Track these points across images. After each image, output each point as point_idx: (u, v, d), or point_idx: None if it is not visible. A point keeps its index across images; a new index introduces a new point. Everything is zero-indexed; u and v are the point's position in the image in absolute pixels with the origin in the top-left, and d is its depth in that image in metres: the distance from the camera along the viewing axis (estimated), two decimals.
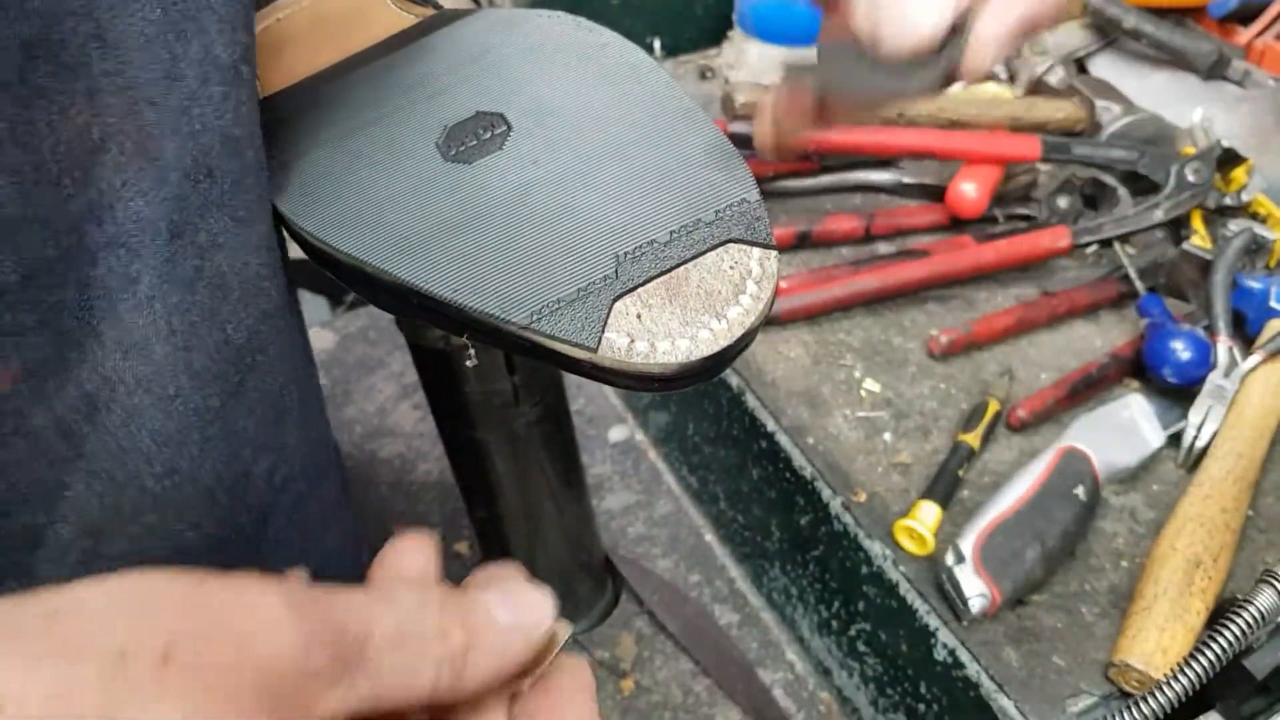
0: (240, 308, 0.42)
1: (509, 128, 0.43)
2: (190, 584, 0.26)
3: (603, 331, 0.37)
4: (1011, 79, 1.25)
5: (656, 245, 0.38)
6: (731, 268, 0.37)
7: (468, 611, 0.30)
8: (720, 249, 0.38)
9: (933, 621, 0.79)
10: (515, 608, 0.31)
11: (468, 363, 0.70)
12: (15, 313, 0.34)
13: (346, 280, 0.43)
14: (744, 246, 0.38)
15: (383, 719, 0.29)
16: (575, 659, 0.33)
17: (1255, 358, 0.91)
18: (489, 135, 0.43)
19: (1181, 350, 0.92)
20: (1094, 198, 1.11)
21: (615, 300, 0.37)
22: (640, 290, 0.37)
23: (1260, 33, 1.21)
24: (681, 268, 0.37)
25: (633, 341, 0.36)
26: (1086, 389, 0.94)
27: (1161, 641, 0.72)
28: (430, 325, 0.45)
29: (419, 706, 0.29)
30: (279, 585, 0.27)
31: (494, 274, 0.38)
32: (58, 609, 0.24)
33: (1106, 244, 1.07)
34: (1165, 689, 0.68)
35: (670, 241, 0.38)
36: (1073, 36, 1.26)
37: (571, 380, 1.02)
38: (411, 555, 0.33)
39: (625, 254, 0.38)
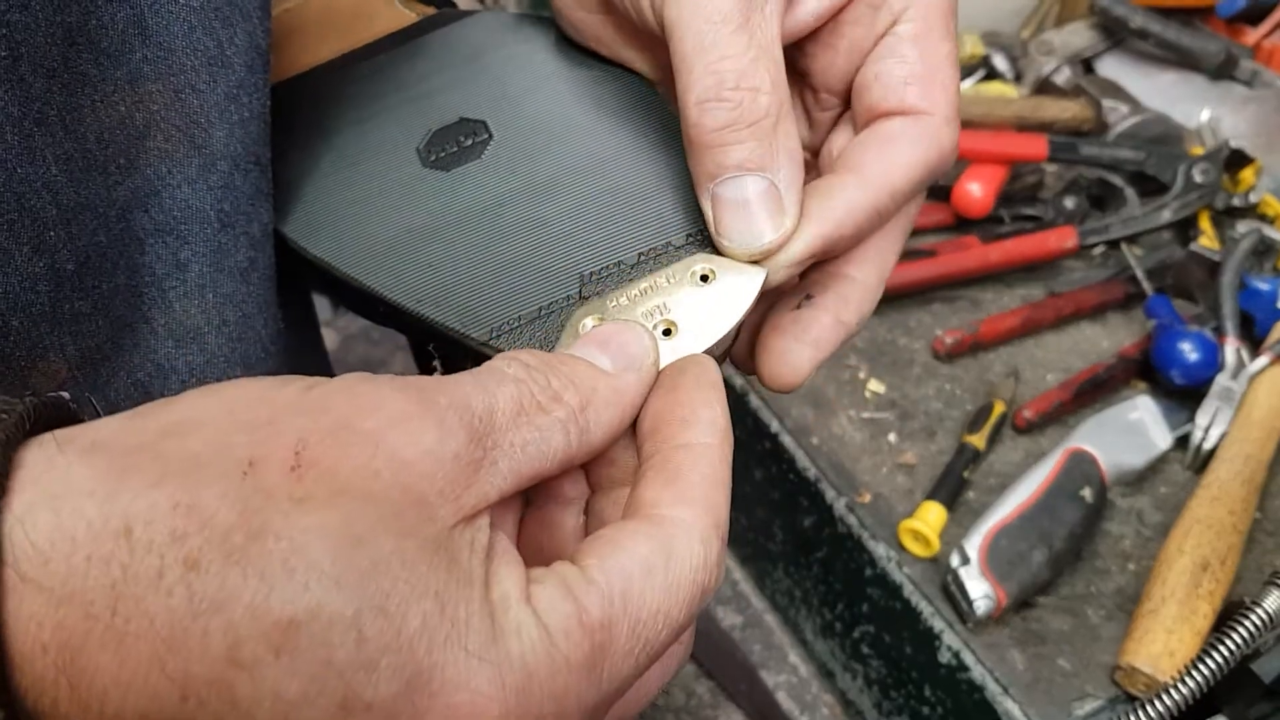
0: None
1: (490, 136, 0.42)
2: (301, 388, 0.25)
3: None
4: (1018, 78, 1.25)
5: (623, 267, 0.38)
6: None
7: (572, 370, 0.29)
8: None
9: (938, 624, 0.79)
10: (617, 349, 0.31)
11: (435, 372, 0.70)
12: (73, 300, 0.34)
13: (318, 281, 0.43)
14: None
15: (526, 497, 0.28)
16: (699, 356, 0.33)
17: (1263, 359, 0.90)
18: (470, 143, 0.42)
19: (1189, 351, 0.91)
20: (1101, 198, 1.11)
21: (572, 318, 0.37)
22: (600, 300, 0.37)
23: (1269, 33, 1.20)
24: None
25: None
26: (1093, 390, 0.93)
27: (1169, 644, 0.71)
28: (398, 331, 0.45)
29: (559, 470, 0.28)
30: (389, 380, 0.26)
31: (458, 287, 0.38)
32: (176, 422, 0.23)
33: (1114, 245, 1.07)
34: (1172, 692, 0.67)
35: (638, 264, 0.38)
36: (1080, 36, 1.26)
37: None
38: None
39: (590, 274, 0.37)
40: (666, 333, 0.34)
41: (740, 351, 0.40)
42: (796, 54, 0.38)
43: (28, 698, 0.21)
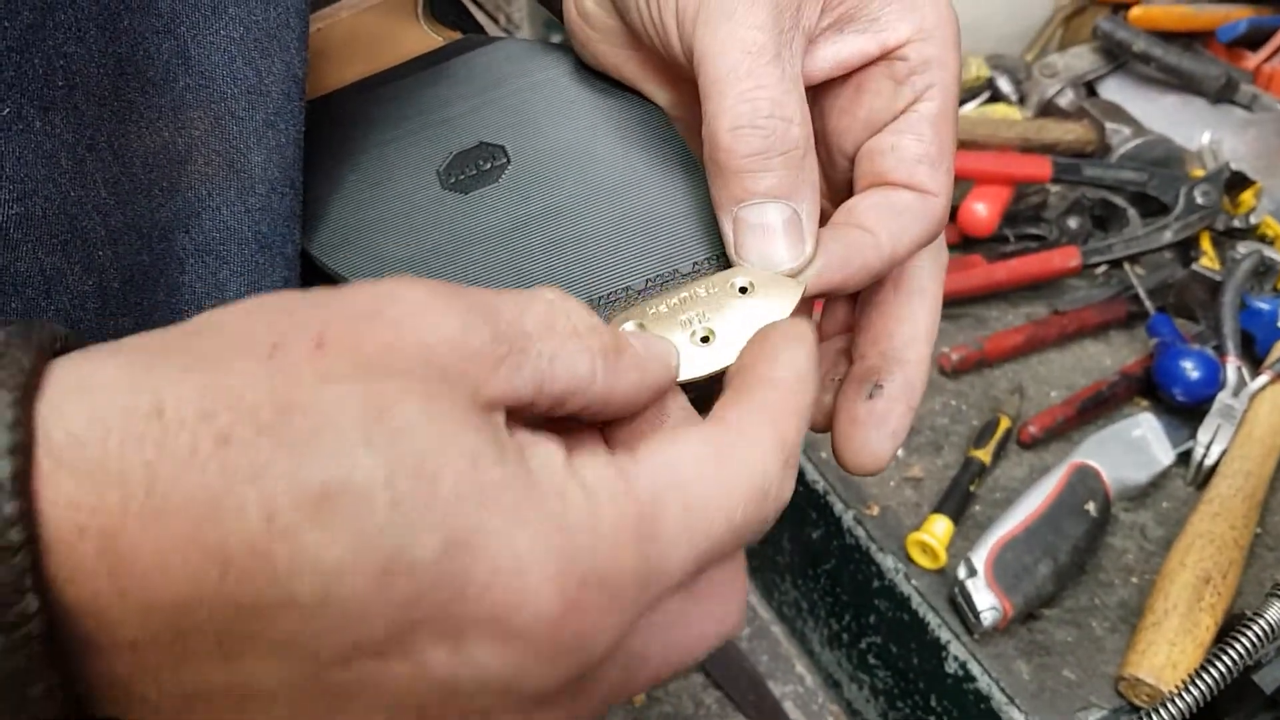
0: None
1: (508, 160, 0.44)
2: (324, 290, 0.25)
3: None
4: (1022, 101, 1.27)
5: (631, 292, 0.39)
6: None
7: (607, 326, 0.29)
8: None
9: (944, 634, 0.80)
10: (643, 340, 0.31)
11: None
12: (118, 318, 0.35)
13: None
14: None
15: (550, 423, 0.28)
16: (787, 319, 0.33)
17: (1263, 378, 0.92)
18: (488, 166, 0.43)
19: (1191, 370, 0.93)
20: (1104, 218, 1.13)
21: None
22: (640, 306, 0.38)
23: (1268, 57, 1.22)
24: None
25: None
26: (1096, 407, 0.95)
27: (1171, 656, 0.73)
28: None
29: (581, 405, 0.28)
30: (414, 279, 0.25)
31: None
32: (200, 326, 0.24)
33: (1116, 264, 1.08)
34: (1175, 702, 0.69)
35: (645, 289, 0.39)
36: (1083, 60, 1.28)
37: None
38: None
39: (600, 298, 0.39)
40: (705, 340, 0.35)
41: (822, 403, 0.41)
42: (815, 114, 0.39)
43: (66, 591, 0.21)
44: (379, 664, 0.22)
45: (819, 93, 0.39)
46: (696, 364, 0.34)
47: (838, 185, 0.40)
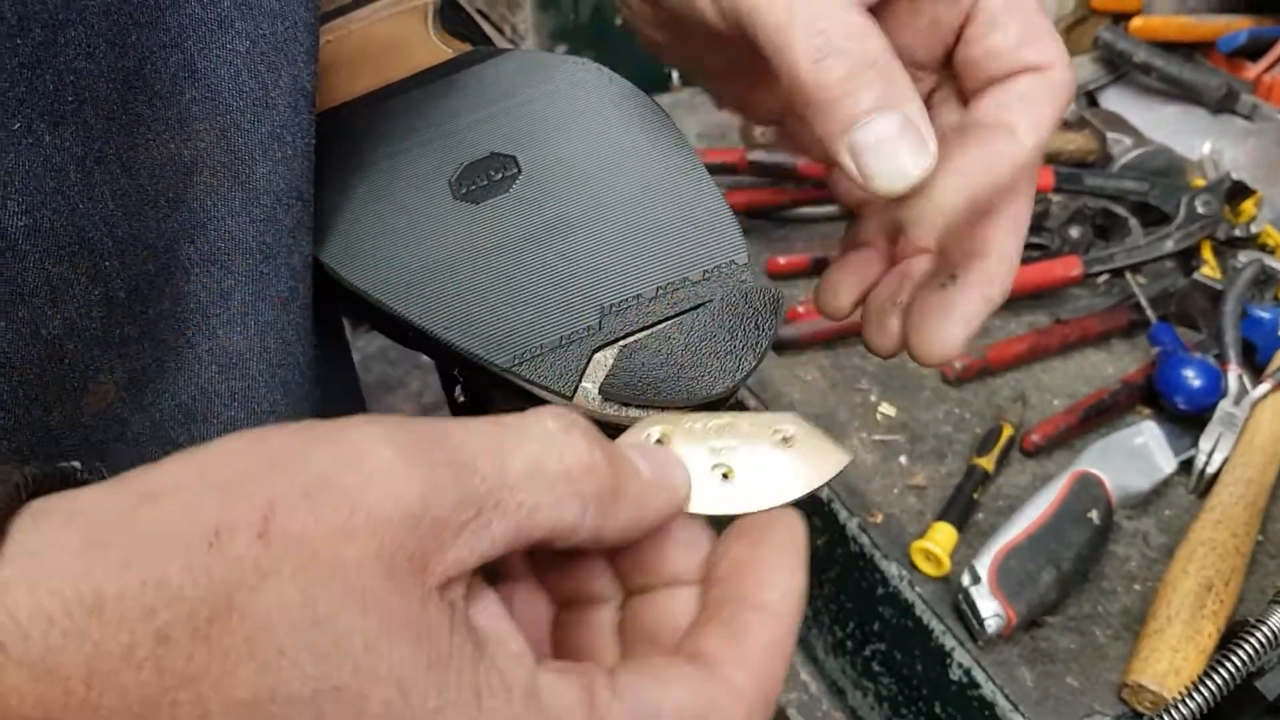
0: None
1: (519, 171, 0.44)
2: (287, 438, 0.24)
3: (580, 380, 0.38)
4: None
5: (642, 300, 0.39)
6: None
7: (613, 450, 0.27)
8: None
9: (948, 642, 0.81)
10: (656, 466, 0.29)
11: (457, 398, 0.72)
12: (123, 326, 0.36)
13: (350, 305, 0.44)
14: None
15: (556, 557, 0.27)
16: (792, 516, 0.30)
17: (1265, 386, 0.93)
18: (499, 177, 0.44)
19: (1192, 378, 0.93)
20: (1105, 228, 1.13)
21: (595, 351, 0.38)
22: (620, 343, 0.39)
23: (1269, 68, 1.23)
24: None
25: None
26: (1099, 415, 0.96)
27: (1174, 663, 0.73)
28: (424, 354, 0.46)
29: (566, 546, 0.27)
30: (385, 427, 0.24)
31: (484, 315, 0.40)
32: (149, 492, 0.23)
33: (1118, 273, 1.09)
34: (1177, 709, 0.69)
35: (655, 298, 0.39)
36: (1084, 70, 1.28)
37: None
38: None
39: (610, 306, 0.39)
40: (725, 476, 0.32)
41: (888, 327, 0.41)
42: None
43: None
44: None
45: (877, 15, 0.37)
46: (707, 500, 0.32)
47: (982, 85, 0.38)
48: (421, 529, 0.23)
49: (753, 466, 0.32)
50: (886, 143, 0.33)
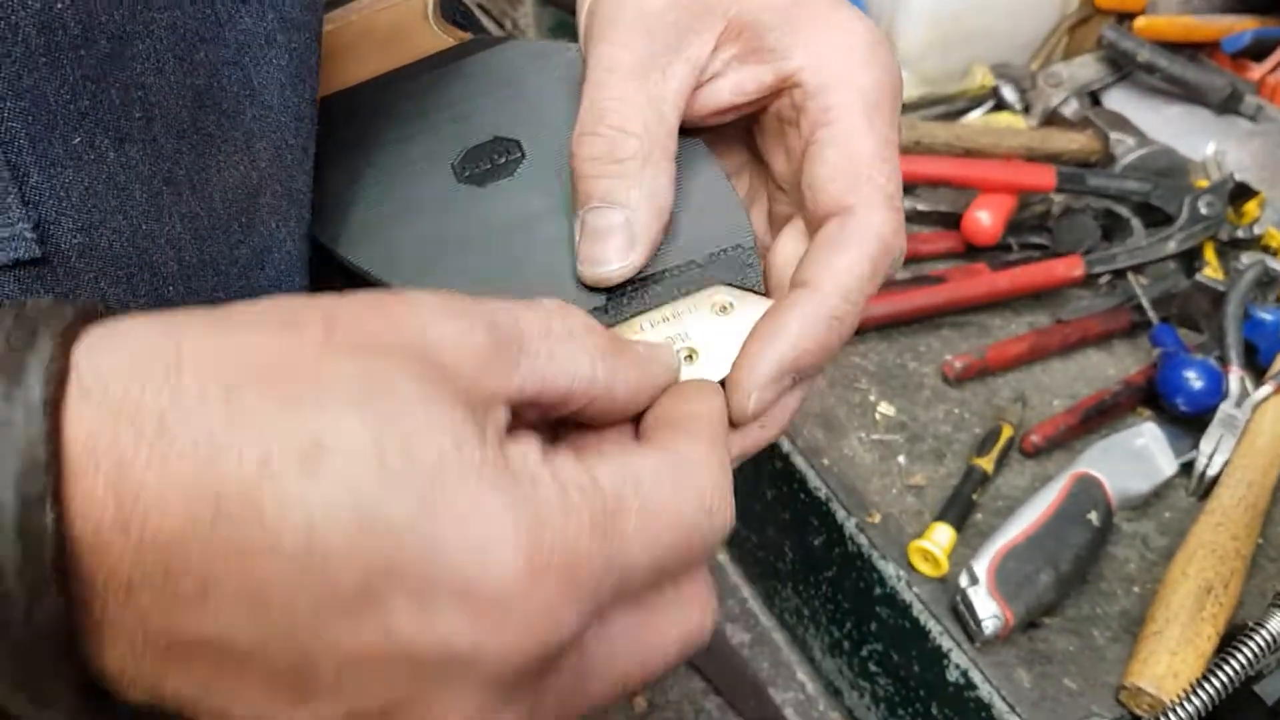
0: None
1: (523, 155, 0.44)
2: (333, 298, 0.27)
3: None
4: (1027, 110, 1.27)
5: (648, 282, 0.39)
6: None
7: (609, 331, 0.31)
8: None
9: (946, 642, 0.80)
10: (644, 344, 0.33)
11: None
12: None
13: (353, 288, 0.44)
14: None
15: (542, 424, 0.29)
16: (702, 381, 0.34)
17: (1266, 388, 0.92)
18: (503, 160, 0.44)
19: (1194, 380, 0.93)
20: (1108, 228, 1.13)
21: None
22: (625, 325, 0.39)
23: (1273, 69, 1.23)
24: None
25: None
26: (1099, 416, 0.95)
27: (1173, 665, 0.73)
28: None
29: (585, 402, 0.29)
30: (422, 291, 0.27)
31: (491, 296, 0.40)
32: (229, 308, 0.26)
33: (1120, 274, 1.08)
34: (1176, 712, 0.69)
35: (662, 280, 0.39)
36: (1087, 70, 1.28)
37: None
38: None
39: (617, 288, 0.39)
40: (688, 358, 0.36)
41: None
42: (760, 150, 0.41)
43: (74, 523, 0.22)
44: (348, 625, 0.23)
45: (755, 133, 0.41)
46: (685, 376, 0.35)
47: (813, 223, 0.38)
48: (463, 352, 0.26)
49: (708, 343, 0.36)
50: (599, 234, 0.36)
